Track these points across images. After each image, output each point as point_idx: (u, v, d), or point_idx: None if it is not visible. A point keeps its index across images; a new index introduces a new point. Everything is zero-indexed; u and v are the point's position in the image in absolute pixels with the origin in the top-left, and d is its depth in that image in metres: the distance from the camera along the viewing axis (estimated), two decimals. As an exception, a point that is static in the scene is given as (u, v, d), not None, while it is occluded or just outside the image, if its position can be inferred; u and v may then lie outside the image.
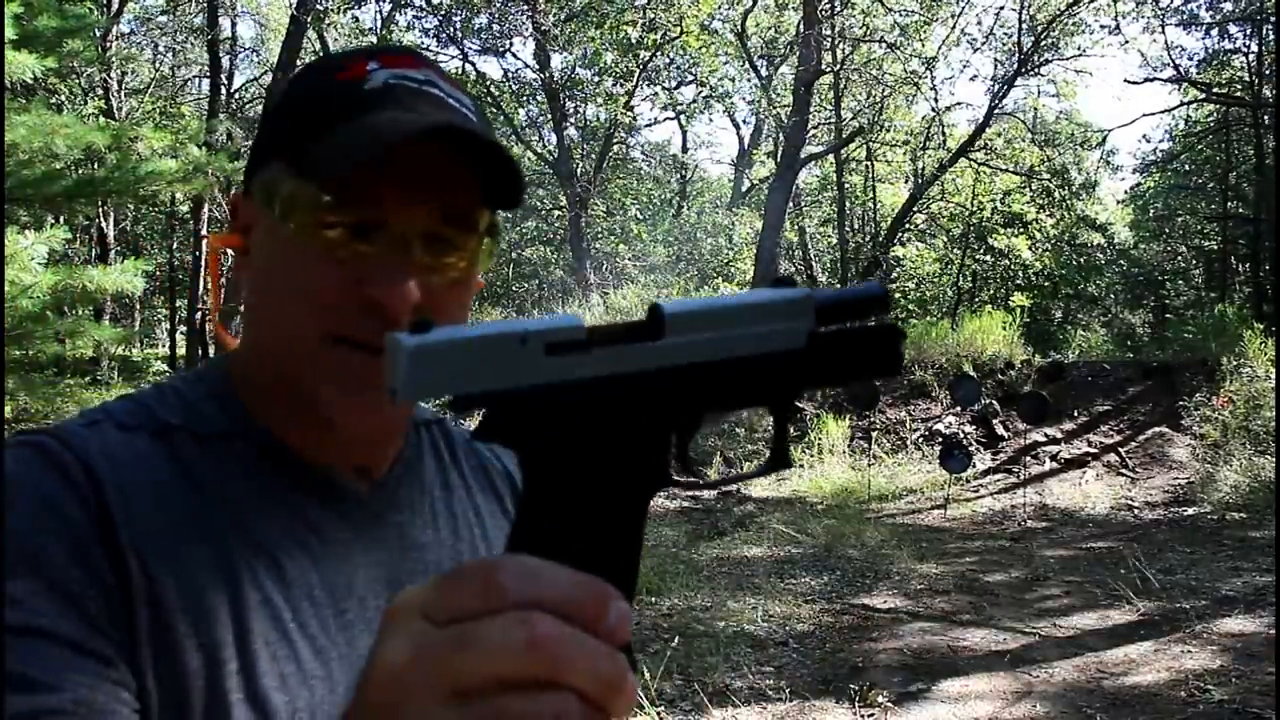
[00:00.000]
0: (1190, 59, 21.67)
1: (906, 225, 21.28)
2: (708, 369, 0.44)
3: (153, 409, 0.74)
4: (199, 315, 19.99)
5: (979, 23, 28.02)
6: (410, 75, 0.75)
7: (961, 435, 11.30)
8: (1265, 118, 18.46)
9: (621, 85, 21.26)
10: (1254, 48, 19.53)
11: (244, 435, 0.75)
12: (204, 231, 19.08)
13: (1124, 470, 10.47)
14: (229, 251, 0.82)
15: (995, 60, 21.53)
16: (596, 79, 21.93)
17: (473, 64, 21.44)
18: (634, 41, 19.22)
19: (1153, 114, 31.68)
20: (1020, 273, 21.71)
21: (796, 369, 0.46)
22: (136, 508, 0.67)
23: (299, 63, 19.29)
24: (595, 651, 0.37)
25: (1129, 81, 19.37)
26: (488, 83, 21.17)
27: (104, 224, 18.54)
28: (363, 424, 0.73)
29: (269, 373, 0.76)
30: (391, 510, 0.82)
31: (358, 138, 0.68)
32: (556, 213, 23.94)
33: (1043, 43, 18.34)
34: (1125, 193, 27.03)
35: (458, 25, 20.89)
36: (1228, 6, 19.39)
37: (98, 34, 15.05)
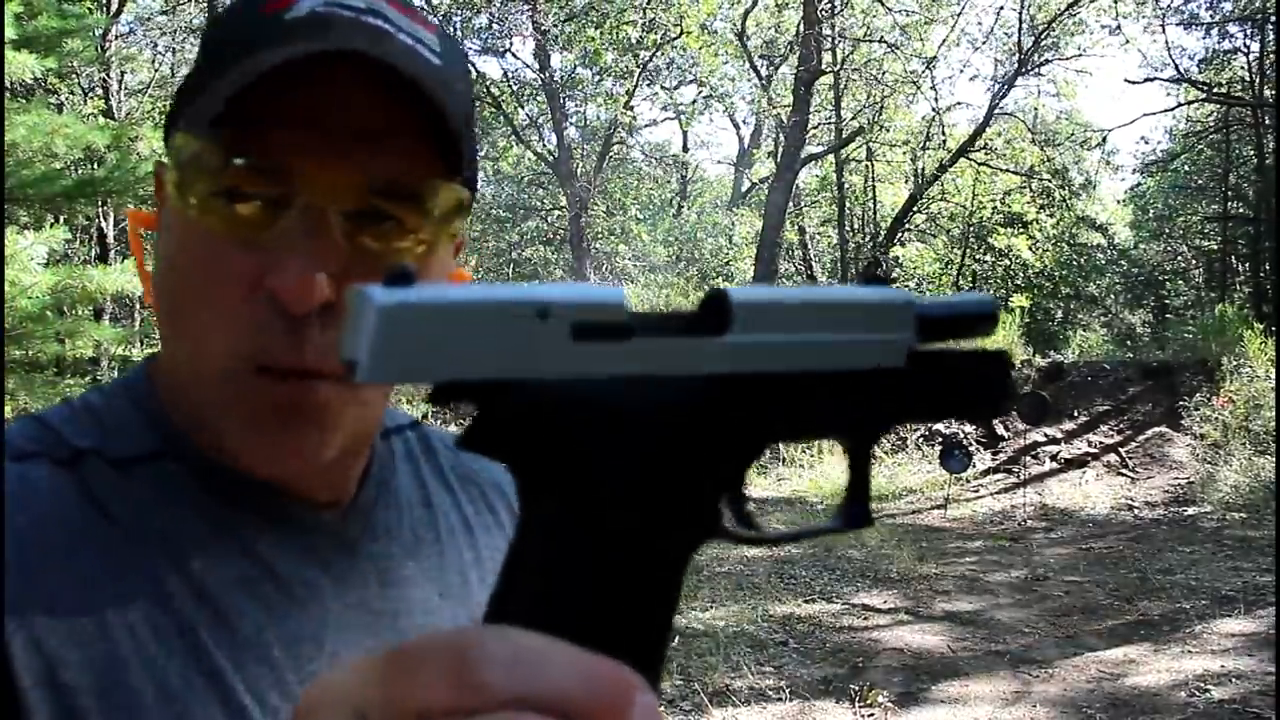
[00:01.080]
0: (1190, 59, 21.69)
1: (906, 225, 21.28)
2: (782, 382, 0.33)
3: (59, 431, 0.59)
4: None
5: (979, 23, 28.06)
6: (345, 2, 0.57)
7: (961, 435, 11.30)
8: (1265, 118, 18.45)
9: (621, 85, 21.27)
10: (1254, 48, 19.53)
11: (177, 457, 0.60)
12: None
13: (1124, 470, 10.47)
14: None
15: (995, 60, 21.55)
16: (596, 79, 21.95)
17: (473, 64, 21.44)
18: (634, 41, 19.23)
19: (1153, 114, 31.71)
20: (1020, 273, 21.71)
21: (893, 394, 0.35)
22: (34, 566, 0.52)
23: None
24: None
25: (1129, 81, 19.38)
26: (488, 83, 21.17)
27: (104, 224, 18.55)
28: (283, 468, 0.59)
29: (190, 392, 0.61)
30: (366, 539, 0.66)
31: (237, 78, 0.51)
32: (556, 213, 23.95)
33: (1043, 42, 18.34)
34: (1125, 193, 27.03)
35: (458, 25, 20.90)
36: (1228, 6, 19.40)
37: (98, 34, 15.05)
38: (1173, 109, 21.18)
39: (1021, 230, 20.74)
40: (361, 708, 0.27)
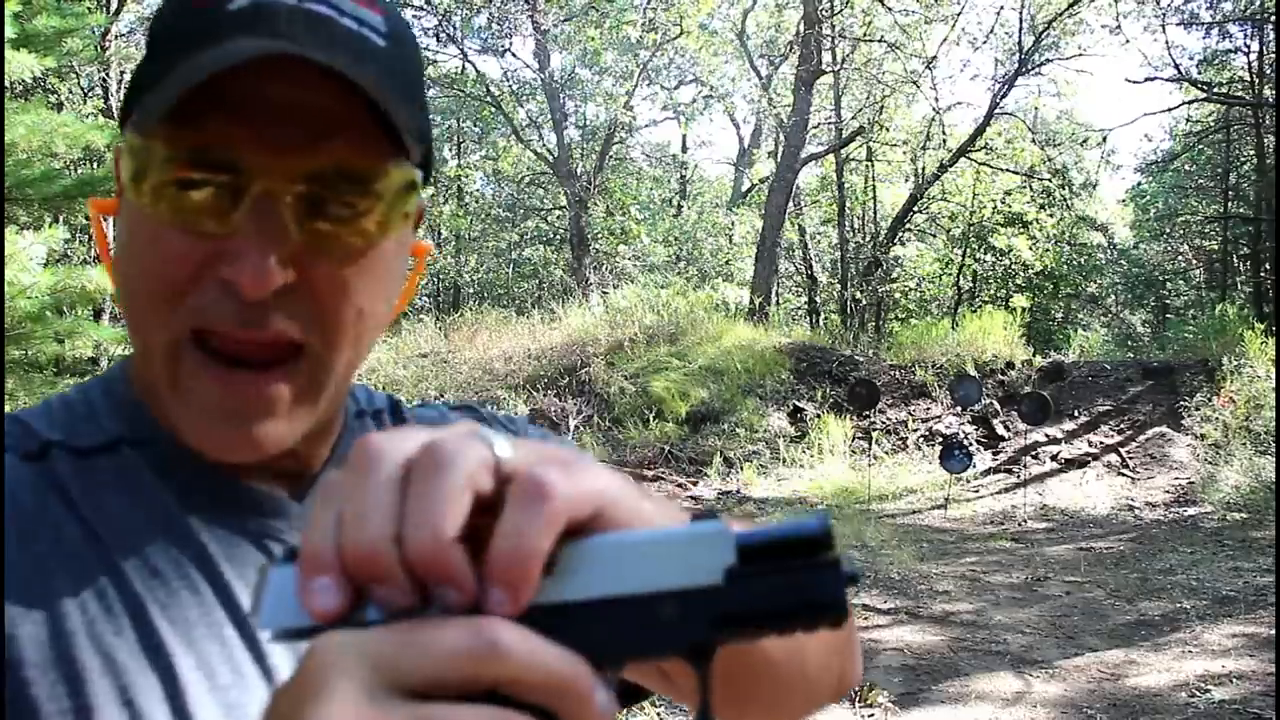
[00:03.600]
0: (1190, 59, 21.69)
1: (906, 225, 21.28)
2: (603, 606, 0.36)
3: (31, 426, 0.62)
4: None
5: (979, 23, 28.05)
6: None
7: (962, 435, 11.30)
8: (1265, 118, 18.45)
9: (621, 85, 21.27)
10: (1254, 48, 19.53)
11: (137, 443, 0.63)
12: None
13: (1125, 470, 10.47)
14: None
15: (995, 60, 21.56)
16: (596, 79, 21.96)
17: (472, 64, 21.45)
18: (634, 41, 19.23)
19: (1153, 114, 31.69)
20: (1020, 273, 21.72)
21: (713, 607, 0.36)
22: None
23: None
24: None
25: (1129, 81, 19.35)
26: (488, 82, 21.17)
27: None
28: (231, 456, 0.60)
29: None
30: None
31: (189, 75, 0.53)
32: (556, 213, 23.95)
33: (1043, 42, 18.35)
34: (1125, 193, 27.04)
35: (457, 25, 20.89)
36: (1228, 6, 19.40)
37: (97, 33, 15.05)
38: (1173, 109, 21.17)
39: (1021, 230, 20.74)
40: (384, 673, 0.32)
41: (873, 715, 4.43)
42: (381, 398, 0.79)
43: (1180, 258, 25.10)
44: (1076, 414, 11.53)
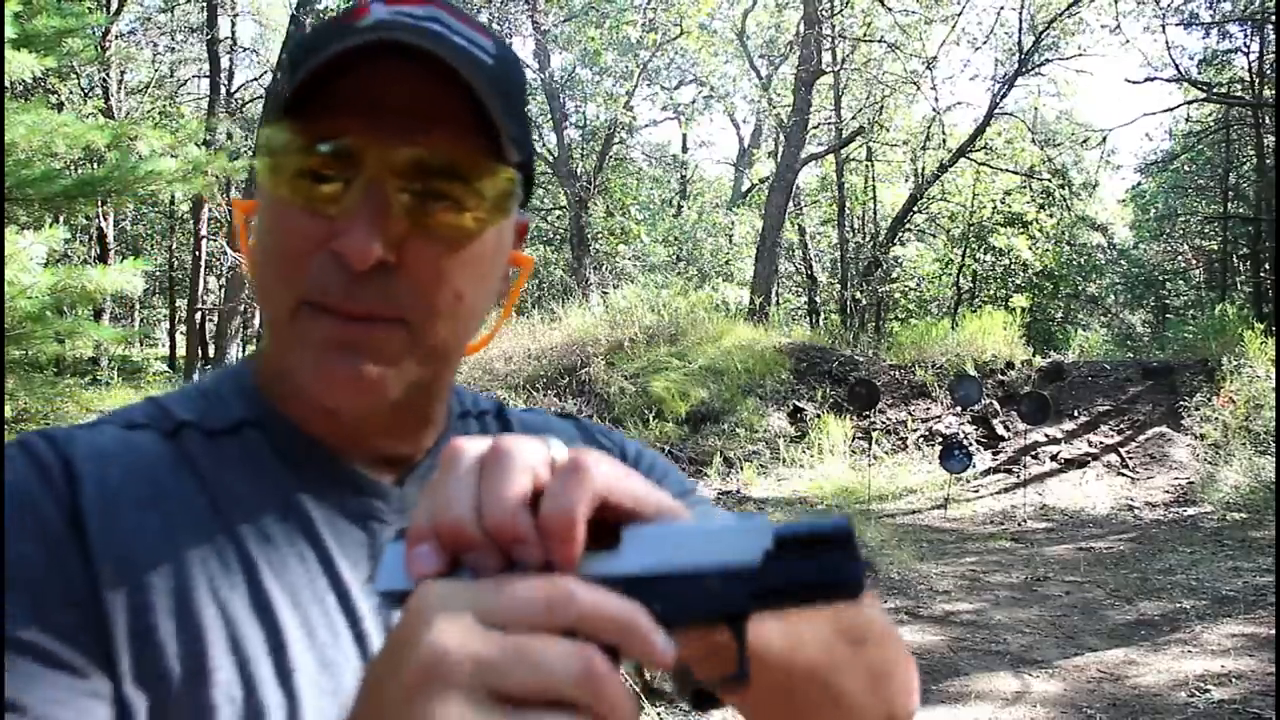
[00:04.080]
0: (1190, 59, 21.69)
1: (906, 225, 21.28)
2: (661, 580, 0.44)
3: (169, 408, 0.71)
4: (199, 315, 20.00)
5: (979, 23, 28.05)
6: (409, 11, 0.65)
7: (961, 435, 11.30)
8: (1265, 118, 18.46)
9: (621, 85, 21.27)
10: (1254, 48, 19.54)
11: (258, 426, 0.71)
12: (204, 231, 19.08)
13: (1124, 470, 10.47)
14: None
15: (995, 60, 21.56)
16: (596, 79, 21.95)
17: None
18: (634, 41, 19.22)
19: (1153, 114, 31.69)
20: (1020, 273, 21.72)
21: (750, 583, 0.44)
22: (122, 508, 0.63)
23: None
24: (624, 694, 0.39)
25: (1129, 81, 19.34)
26: (488, 83, 21.11)
27: (104, 224, 18.54)
28: (343, 395, 0.65)
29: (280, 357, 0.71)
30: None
31: (306, 69, 0.61)
32: (556, 213, 23.95)
33: (1043, 42, 18.34)
34: (1125, 193, 27.04)
35: (458, 25, 20.84)
36: (1227, 6, 19.40)
37: (98, 33, 15.04)
38: (1173, 109, 21.17)
39: (1021, 230, 20.75)
40: (476, 605, 0.40)
41: (873, 715, 4.43)
42: (488, 401, 0.86)
43: (1180, 258, 25.10)
44: (1076, 414, 11.53)
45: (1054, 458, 10.82)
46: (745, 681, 0.46)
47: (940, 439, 11.28)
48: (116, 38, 20.20)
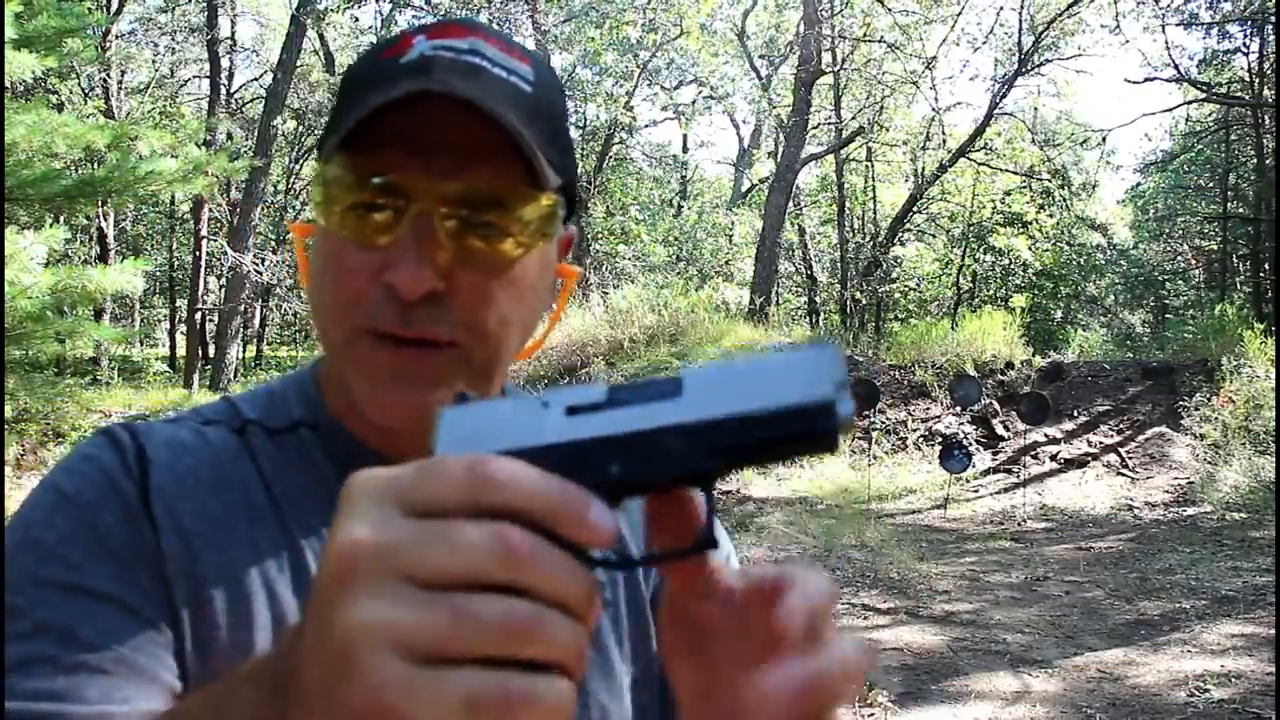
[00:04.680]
0: (1190, 59, 21.69)
1: (906, 225, 21.28)
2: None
3: (238, 406, 0.78)
4: (199, 315, 19.99)
5: (979, 23, 28.06)
6: (450, 45, 0.70)
7: (961, 435, 11.30)
8: (1265, 118, 18.46)
9: (621, 85, 21.27)
10: (1254, 48, 19.53)
11: (312, 427, 0.77)
12: (204, 231, 19.08)
13: (1124, 470, 10.47)
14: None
15: (995, 60, 21.56)
16: (596, 79, 21.94)
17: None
18: (634, 41, 19.22)
19: (1153, 114, 31.70)
20: (1020, 273, 21.72)
21: (714, 440, 0.43)
22: (189, 490, 0.70)
23: (299, 63, 19.31)
24: (562, 567, 0.38)
25: (1129, 81, 19.35)
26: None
27: (104, 224, 18.54)
28: (399, 420, 0.70)
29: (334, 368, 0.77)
30: None
31: (357, 112, 0.66)
32: (556, 213, 23.93)
33: (1042, 42, 18.34)
34: (1125, 193, 27.05)
35: (458, 25, 20.85)
36: (1228, 6, 19.39)
37: (98, 33, 15.04)
38: (1173, 109, 21.17)
39: (1021, 230, 20.74)
40: (397, 493, 0.39)
41: (873, 715, 4.43)
42: None
43: (1180, 258, 25.10)
44: (1076, 414, 11.53)
45: (1054, 458, 10.82)
46: (714, 547, 0.46)
47: (940, 439, 11.28)
48: (116, 38, 20.20)
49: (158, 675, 0.63)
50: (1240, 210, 21.77)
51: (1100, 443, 10.96)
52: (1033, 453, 10.91)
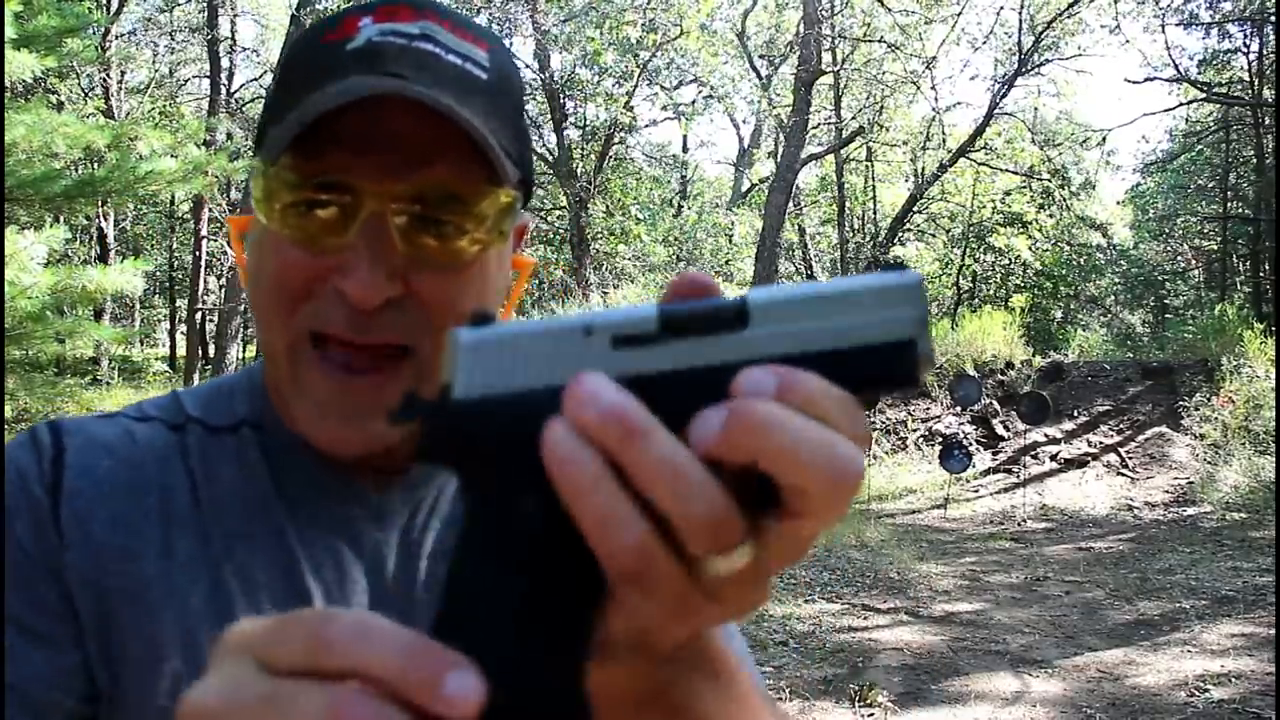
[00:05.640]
0: (1190, 59, 21.68)
1: (906, 225, 21.28)
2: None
3: (182, 402, 0.74)
4: (199, 315, 20.00)
5: (979, 23, 28.06)
6: (401, 30, 0.65)
7: (961, 435, 11.30)
8: (1265, 118, 18.45)
9: (621, 85, 21.26)
10: (1254, 48, 19.53)
11: (255, 426, 0.72)
12: (204, 231, 19.08)
13: (1124, 470, 10.47)
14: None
15: (995, 60, 21.55)
16: (596, 79, 21.94)
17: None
18: (634, 41, 19.22)
19: (1153, 114, 31.68)
20: (1020, 273, 21.71)
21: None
22: (104, 496, 0.66)
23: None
24: None
25: (1129, 81, 19.36)
26: (488, 83, 21.09)
27: (104, 224, 18.54)
28: (345, 450, 0.66)
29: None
30: (399, 514, 0.73)
31: (307, 110, 0.60)
32: (557, 213, 23.95)
33: (1043, 42, 18.33)
34: (1125, 193, 27.04)
35: (458, 25, 20.82)
36: (1228, 6, 19.39)
37: (98, 33, 15.04)
38: (1173, 109, 21.17)
39: (1021, 230, 20.74)
40: (256, 648, 0.35)
41: (873, 715, 4.43)
42: None
43: (1180, 258, 25.09)
44: (1076, 414, 11.53)
45: (1054, 458, 10.82)
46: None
47: (940, 439, 11.28)
48: (116, 38, 20.21)
49: (59, 703, 0.61)
50: (1240, 210, 21.77)
51: (1100, 443, 10.96)
52: (1033, 453, 10.91)
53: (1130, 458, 10.63)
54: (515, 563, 0.36)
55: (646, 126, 26.35)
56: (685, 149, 28.15)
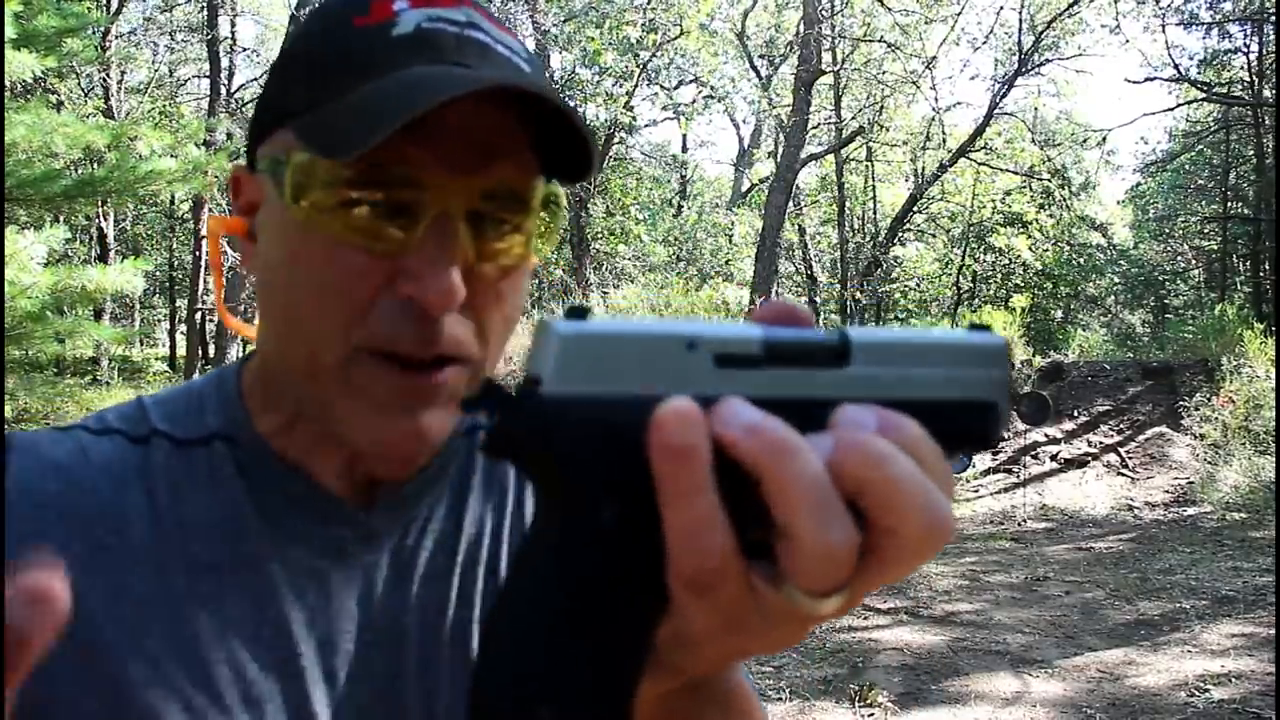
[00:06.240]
0: (1190, 59, 21.68)
1: (906, 225, 21.27)
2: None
3: (147, 412, 0.66)
4: (199, 315, 19.99)
5: (979, 23, 28.06)
6: (447, 16, 0.60)
7: (961, 435, 11.30)
8: (1265, 118, 18.45)
9: (621, 85, 21.27)
10: (1254, 48, 19.53)
11: (229, 440, 0.65)
12: (204, 231, 19.08)
13: (1124, 470, 10.47)
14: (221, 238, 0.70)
15: (995, 60, 21.56)
16: (596, 79, 21.94)
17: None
18: (634, 41, 19.22)
19: (1153, 114, 31.71)
20: (1020, 272, 21.71)
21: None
22: (48, 524, 0.59)
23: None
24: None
25: (1129, 81, 19.37)
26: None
27: (104, 224, 18.54)
28: (403, 450, 0.61)
29: (279, 381, 0.65)
30: (390, 534, 0.68)
31: (384, 102, 0.54)
32: (556, 213, 23.92)
33: (1043, 42, 18.33)
34: (1125, 193, 27.04)
35: (458, 25, 20.81)
36: (1228, 6, 19.39)
37: (98, 33, 15.03)
38: (1173, 109, 21.17)
39: (1021, 230, 20.73)
40: None
41: (873, 715, 4.43)
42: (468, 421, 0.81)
43: (1180, 258, 25.09)
44: (1076, 414, 11.53)
45: (1054, 458, 10.82)
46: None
47: (940, 439, 11.28)
48: (116, 38, 20.20)
49: None
50: (1240, 210, 21.76)
51: (1100, 443, 10.96)
52: (1033, 453, 10.91)
53: (1130, 458, 10.63)
54: (581, 574, 0.36)
55: (646, 126, 26.34)
56: (685, 149, 28.16)
